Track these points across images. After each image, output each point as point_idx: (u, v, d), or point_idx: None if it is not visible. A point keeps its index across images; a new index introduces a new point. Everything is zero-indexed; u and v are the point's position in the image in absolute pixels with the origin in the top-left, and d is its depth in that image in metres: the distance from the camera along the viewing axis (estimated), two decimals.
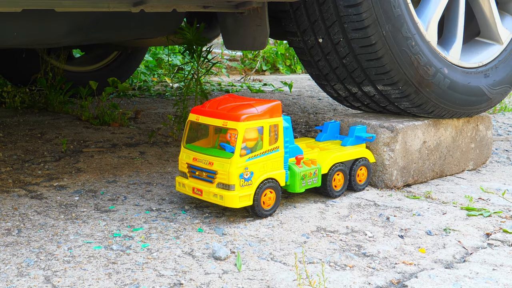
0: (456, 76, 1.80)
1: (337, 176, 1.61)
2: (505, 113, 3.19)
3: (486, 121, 1.99)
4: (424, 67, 1.72)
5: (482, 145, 1.99)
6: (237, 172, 1.38)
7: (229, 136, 1.40)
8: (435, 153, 1.83)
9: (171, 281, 1.12)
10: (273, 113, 1.44)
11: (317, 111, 3.07)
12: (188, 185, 1.46)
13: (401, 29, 1.66)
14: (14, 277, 1.11)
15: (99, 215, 1.46)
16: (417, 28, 1.71)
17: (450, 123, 1.86)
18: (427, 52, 1.73)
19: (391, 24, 1.64)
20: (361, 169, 1.68)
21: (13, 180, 1.72)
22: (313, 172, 1.53)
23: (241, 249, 1.27)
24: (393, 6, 1.63)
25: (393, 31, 1.64)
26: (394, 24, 1.64)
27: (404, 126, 1.72)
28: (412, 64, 1.69)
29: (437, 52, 1.77)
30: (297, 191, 1.50)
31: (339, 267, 1.20)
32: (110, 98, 3.05)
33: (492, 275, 1.18)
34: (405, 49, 1.67)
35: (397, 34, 1.65)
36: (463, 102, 1.83)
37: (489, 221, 1.50)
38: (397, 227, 1.44)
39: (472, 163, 1.98)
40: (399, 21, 1.65)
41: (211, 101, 1.50)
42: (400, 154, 1.72)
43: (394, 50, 1.65)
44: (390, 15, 1.63)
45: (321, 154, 1.61)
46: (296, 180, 1.49)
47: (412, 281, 1.15)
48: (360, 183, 1.68)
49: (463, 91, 1.82)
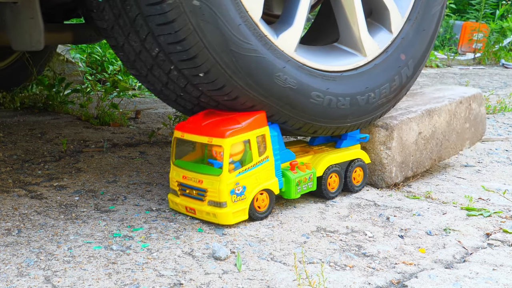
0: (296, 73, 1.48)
1: (332, 178, 1.61)
2: (505, 113, 3.19)
3: (478, 98, 1.99)
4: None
5: (476, 122, 1.99)
6: (228, 188, 1.36)
7: (215, 153, 1.38)
8: (431, 141, 1.83)
9: (171, 281, 1.12)
10: (258, 124, 1.41)
11: None
12: (181, 203, 1.45)
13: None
14: (14, 277, 1.11)
15: (99, 215, 1.46)
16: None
17: (443, 109, 1.86)
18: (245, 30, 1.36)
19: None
20: (357, 171, 1.67)
21: (13, 180, 1.72)
22: (308, 177, 1.52)
23: (241, 249, 1.27)
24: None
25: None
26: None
27: (398, 122, 1.72)
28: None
29: (261, 32, 1.40)
30: (293, 197, 1.49)
31: (339, 267, 1.20)
32: (109, 98, 3.05)
33: (492, 275, 1.18)
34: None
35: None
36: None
37: (489, 221, 1.50)
38: (397, 227, 1.44)
39: (469, 142, 1.98)
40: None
41: (195, 116, 1.46)
42: (397, 150, 1.72)
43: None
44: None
45: (315, 157, 1.60)
46: (291, 187, 1.48)
47: (412, 281, 1.15)
48: (356, 184, 1.68)
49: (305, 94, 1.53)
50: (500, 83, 4.75)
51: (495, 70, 5.76)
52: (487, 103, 3.16)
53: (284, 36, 1.46)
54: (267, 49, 1.41)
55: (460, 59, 6.42)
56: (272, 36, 1.43)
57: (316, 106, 1.51)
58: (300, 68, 1.48)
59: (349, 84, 1.59)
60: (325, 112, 1.54)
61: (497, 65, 6.34)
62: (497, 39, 6.48)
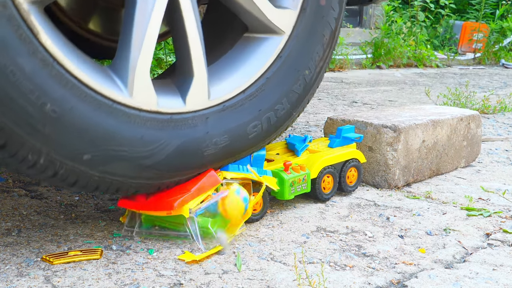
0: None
1: (327, 179, 1.59)
2: (505, 113, 3.20)
3: (477, 119, 2.02)
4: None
5: (473, 142, 2.02)
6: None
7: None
8: (432, 151, 1.84)
9: (171, 281, 1.12)
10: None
11: (317, 111, 3.07)
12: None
13: None
14: (14, 277, 1.11)
15: (99, 215, 1.46)
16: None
17: (445, 122, 1.87)
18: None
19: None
20: (351, 171, 1.66)
21: (13, 180, 1.72)
22: (302, 178, 1.50)
23: (241, 249, 1.27)
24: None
25: None
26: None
27: (406, 126, 1.73)
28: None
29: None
30: (286, 198, 1.47)
31: (339, 267, 1.20)
32: None
33: (492, 275, 1.18)
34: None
35: None
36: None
37: (489, 221, 1.50)
38: (397, 227, 1.44)
39: (464, 160, 2.00)
40: None
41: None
42: (402, 154, 1.73)
43: None
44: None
45: (309, 158, 1.58)
46: (285, 187, 1.46)
47: (412, 281, 1.15)
48: (350, 184, 1.66)
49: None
50: (500, 83, 4.75)
51: (495, 70, 5.76)
52: (487, 103, 3.17)
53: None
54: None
55: (460, 59, 6.42)
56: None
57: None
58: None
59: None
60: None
61: (497, 65, 6.34)
62: (497, 39, 6.48)
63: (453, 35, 7.08)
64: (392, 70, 5.36)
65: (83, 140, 1.09)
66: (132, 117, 1.15)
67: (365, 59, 5.52)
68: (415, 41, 5.89)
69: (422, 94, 3.85)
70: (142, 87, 1.16)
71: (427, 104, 3.32)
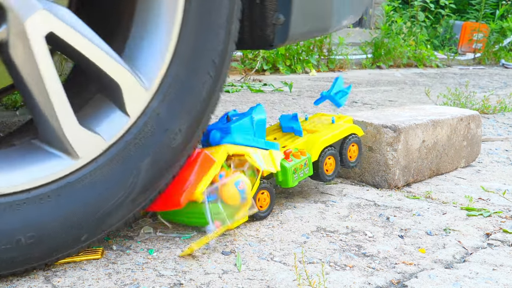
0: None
1: (328, 161, 1.58)
2: (505, 113, 3.20)
3: (477, 119, 2.02)
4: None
5: (473, 143, 2.02)
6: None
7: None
8: (432, 151, 1.84)
9: (171, 281, 1.12)
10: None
11: (317, 111, 3.07)
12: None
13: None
14: (14, 277, 1.11)
15: None
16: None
17: (445, 122, 1.87)
18: None
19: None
20: (353, 146, 1.64)
21: None
22: (304, 163, 1.50)
23: (241, 249, 1.27)
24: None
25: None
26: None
27: (406, 126, 1.73)
28: None
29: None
30: (290, 185, 1.47)
31: (339, 267, 1.20)
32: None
33: (492, 275, 1.18)
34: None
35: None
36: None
37: (489, 221, 1.50)
38: (397, 227, 1.44)
39: (464, 160, 2.00)
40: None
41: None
42: (402, 154, 1.73)
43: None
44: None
45: (308, 140, 1.56)
46: (288, 176, 1.46)
47: (412, 281, 1.15)
48: (351, 159, 1.64)
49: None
50: (500, 83, 4.75)
51: (495, 70, 5.76)
52: (487, 103, 3.17)
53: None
54: None
55: (460, 59, 6.43)
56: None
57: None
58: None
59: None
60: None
61: (497, 65, 6.34)
62: (497, 39, 6.48)
63: (453, 35, 7.08)
64: (392, 70, 5.36)
65: None
66: None
67: (365, 59, 5.52)
68: (415, 41, 5.89)
69: (422, 94, 3.85)
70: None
71: (427, 104, 3.32)
